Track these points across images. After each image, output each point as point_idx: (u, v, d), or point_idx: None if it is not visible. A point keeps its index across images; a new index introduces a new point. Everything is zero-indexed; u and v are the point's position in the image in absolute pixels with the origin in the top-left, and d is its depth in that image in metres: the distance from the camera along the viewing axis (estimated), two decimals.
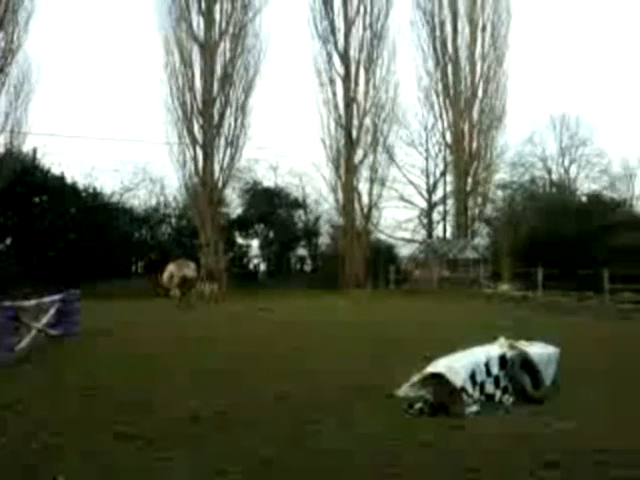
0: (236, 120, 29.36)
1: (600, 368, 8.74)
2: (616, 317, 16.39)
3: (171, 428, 5.69)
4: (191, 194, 29.75)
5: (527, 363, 6.98)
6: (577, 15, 64.31)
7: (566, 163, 45.52)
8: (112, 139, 35.15)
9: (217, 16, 29.46)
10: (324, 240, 37.25)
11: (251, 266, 36.11)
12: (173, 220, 34.51)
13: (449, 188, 37.30)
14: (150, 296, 23.34)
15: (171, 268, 20.84)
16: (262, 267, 36.05)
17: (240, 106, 29.43)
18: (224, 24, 29.48)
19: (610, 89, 63.05)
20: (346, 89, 31.81)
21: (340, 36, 31.90)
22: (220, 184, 29.48)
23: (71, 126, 53.16)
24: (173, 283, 20.67)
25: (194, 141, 29.11)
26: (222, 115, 29.27)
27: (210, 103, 29.19)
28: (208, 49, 29.18)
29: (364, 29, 31.72)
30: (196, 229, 29.47)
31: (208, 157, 28.97)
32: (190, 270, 21.02)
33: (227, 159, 29.41)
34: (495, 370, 6.73)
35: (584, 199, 32.90)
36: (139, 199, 34.60)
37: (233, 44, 29.60)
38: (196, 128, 29.39)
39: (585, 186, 42.62)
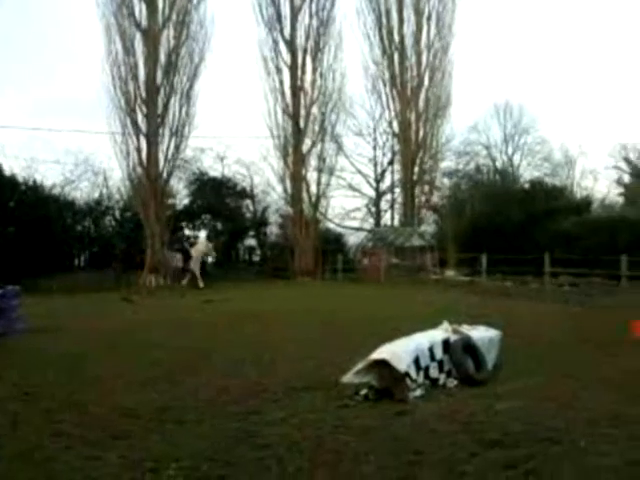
0: (181, 109, 28.80)
1: (540, 348, 8.97)
2: (555, 300, 16.87)
3: (108, 425, 5.53)
4: (135, 185, 29.09)
5: (470, 346, 7.09)
6: (521, 5, 65.63)
7: (510, 151, 46.63)
8: (52, 130, 33.88)
9: (160, 3, 28.75)
10: (273, 230, 37.16)
11: None
12: (117, 212, 33.77)
13: (397, 177, 37.64)
14: (95, 291, 22.87)
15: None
16: (210, 258, 35.64)
17: (185, 94, 28.85)
18: (167, 11, 28.80)
19: (551, 78, 64.80)
20: (293, 77, 31.60)
21: (286, 23, 31.66)
22: (165, 174, 28.92)
23: (7, 116, 51.43)
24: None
25: (138, 131, 28.42)
26: (166, 104, 28.66)
27: (154, 92, 28.53)
28: (151, 37, 28.46)
29: (310, 17, 31.52)
30: (141, 221, 28.88)
31: (152, 147, 28.35)
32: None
33: (172, 149, 28.82)
34: (439, 354, 6.81)
35: (527, 186, 33.68)
36: (81, 191, 33.78)
37: (177, 31, 28.95)
38: (140, 117, 28.70)
39: (528, 173, 43.77)
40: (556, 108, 55.71)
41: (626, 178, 42.12)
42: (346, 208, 39.97)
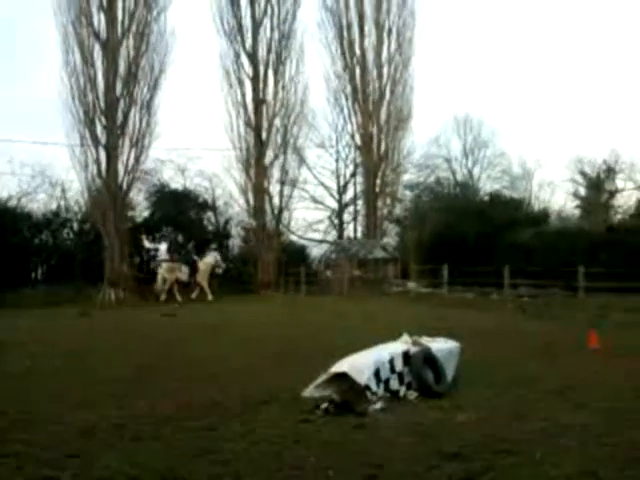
0: (141, 120, 28.53)
1: (497, 360, 9.07)
2: (514, 311, 17.12)
3: (63, 443, 5.37)
4: (94, 197, 28.62)
5: (430, 358, 7.12)
6: (480, 20, 67.03)
7: (469, 164, 47.43)
8: (9, 140, 33.21)
9: (119, 13, 28.49)
10: (236, 242, 36.89)
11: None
12: (75, 224, 33.07)
13: (359, 189, 37.90)
14: (53, 304, 22.40)
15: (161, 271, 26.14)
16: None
17: (145, 106, 28.60)
18: (127, 22, 28.55)
19: (510, 92, 66.21)
20: (255, 90, 31.62)
21: (248, 36, 31.70)
22: (125, 186, 28.54)
23: None
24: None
25: (97, 142, 28.03)
26: (126, 115, 28.35)
27: (114, 103, 28.20)
28: (110, 47, 28.17)
29: (272, 30, 31.65)
30: (100, 233, 28.37)
31: (112, 158, 27.97)
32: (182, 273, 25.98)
33: (132, 160, 28.54)
34: (399, 367, 6.82)
35: (486, 198, 34.23)
36: (39, 203, 33.00)
37: (137, 42, 28.72)
38: (99, 128, 28.33)
39: (487, 186, 44.52)
40: (515, 122, 57.11)
41: (582, 190, 43.17)
42: (309, 220, 40.06)
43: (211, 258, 28.09)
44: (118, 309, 22.16)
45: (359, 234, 37.33)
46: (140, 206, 33.87)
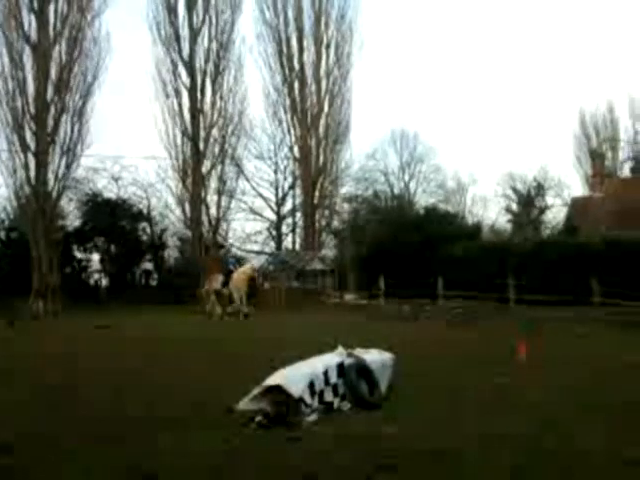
0: (73, 127, 27.66)
1: (430, 370, 9.17)
2: (448, 322, 17.42)
3: None
4: (22, 205, 27.56)
5: (364, 370, 7.11)
6: (418, 38, 68.62)
7: (406, 178, 48.30)
8: None
9: (51, 17, 27.64)
10: (172, 253, 36.20)
11: (92, 281, 34.13)
12: (2, 233, 31.73)
13: (298, 201, 37.95)
14: None
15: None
16: (104, 282, 34.17)
17: (77, 112, 27.78)
18: (59, 26, 27.70)
19: (445, 109, 68.00)
20: (192, 99, 31.27)
21: (185, 45, 31.35)
22: (55, 194, 27.58)
23: None
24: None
25: (26, 148, 27.02)
26: (57, 121, 27.46)
27: (44, 108, 27.27)
28: (41, 52, 27.26)
29: (210, 40, 31.41)
30: (28, 242, 27.27)
31: (41, 165, 27.00)
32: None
33: (63, 168, 27.61)
34: (334, 378, 6.78)
35: (422, 212, 34.86)
36: None
37: (69, 48, 27.90)
38: (28, 134, 27.34)
39: (423, 200, 45.38)
40: (450, 138, 58.56)
41: (513, 206, 44.60)
42: (247, 231, 39.77)
43: (249, 269, 24.64)
44: (49, 320, 21.32)
45: (297, 246, 37.36)
46: (71, 215, 32.90)
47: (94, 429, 6.09)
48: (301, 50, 34.16)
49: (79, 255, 33.18)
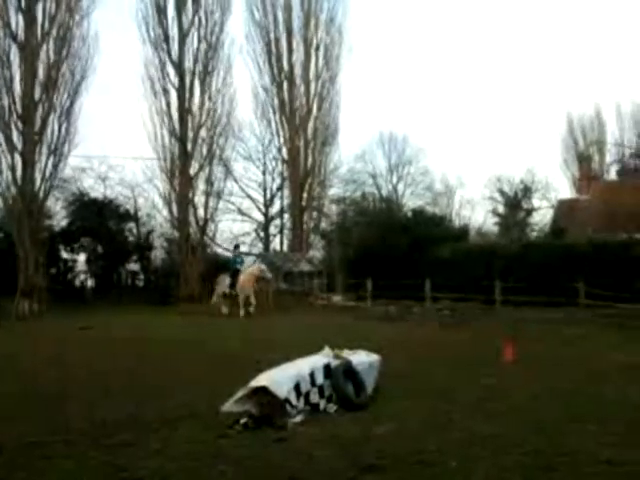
0: (60, 127, 27.39)
1: (416, 371, 9.21)
2: (435, 324, 17.47)
3: None
4: (8, 204, 27.32)
5: (351, 371, 7.13)
6: (407, 41, 68.82)
7: (394, 180, 48.41)
8: None
9: (39, 16, 27.39)
10: (158, 254, 36.02)
11: (77, 282, 33.90)
12: None
13: (286, 202, 37.92)
14: None
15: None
16: (90, 283, 33.96)
17: (65, 112, 27.54)
18: (47, 25, 27.47)
19: (433, 111, 68.21)
20: (181, 100, 31.13)
21: (174, 45, 31.21)
22: (41, 194, 27.37)
23: None
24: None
25: (12, 147, 26.79)
26: (45, 121, 27.23)
27: (31, 108, 27.03)
28: (29, 51, 27.04)
29: (199, 40, 31.27)
30: (14, 242, 27.03)
31: (28, 165, 26.77)
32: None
33: (50, 168, 27.36)
34: (320, 380, 6.80)
35: (410, 214, 34.94)
36: None
37: (57, 47, 27.66)
38: (15, 134, 27.08)
39: (411, 202, 45.48)
40: (437, 140, 58.75)
41: (500, 208, 44.82)
42: (235, 232, 39.66)
43: (256, 269, 24.13)
44: (35, 320, 21.16)
45: (285, 247, 37.30)
46: (58, 215, 32.65)
47: (81, 431, 6.08)
48: (290, 51, 34.15)
49: (65, 255, 32.94)
